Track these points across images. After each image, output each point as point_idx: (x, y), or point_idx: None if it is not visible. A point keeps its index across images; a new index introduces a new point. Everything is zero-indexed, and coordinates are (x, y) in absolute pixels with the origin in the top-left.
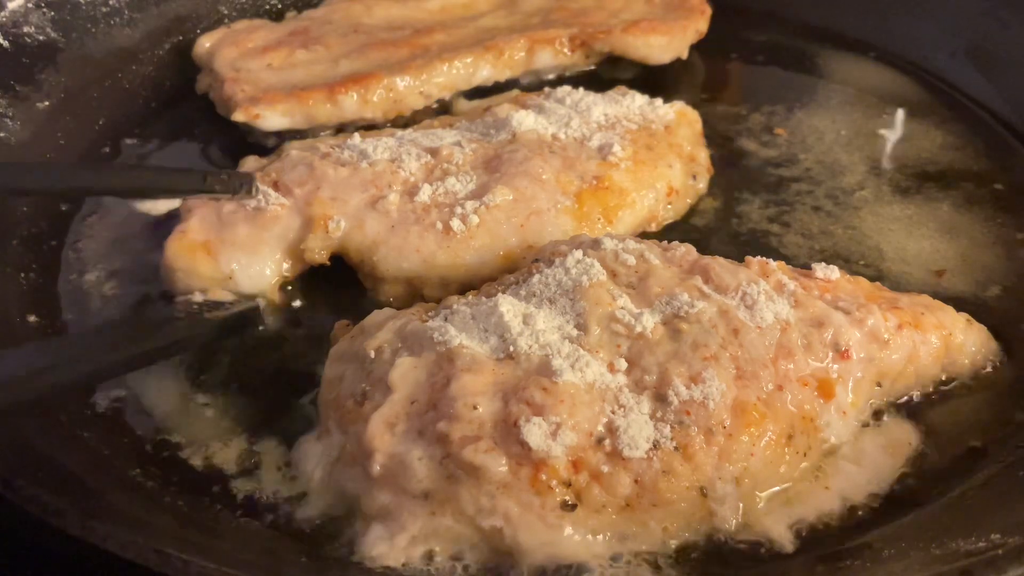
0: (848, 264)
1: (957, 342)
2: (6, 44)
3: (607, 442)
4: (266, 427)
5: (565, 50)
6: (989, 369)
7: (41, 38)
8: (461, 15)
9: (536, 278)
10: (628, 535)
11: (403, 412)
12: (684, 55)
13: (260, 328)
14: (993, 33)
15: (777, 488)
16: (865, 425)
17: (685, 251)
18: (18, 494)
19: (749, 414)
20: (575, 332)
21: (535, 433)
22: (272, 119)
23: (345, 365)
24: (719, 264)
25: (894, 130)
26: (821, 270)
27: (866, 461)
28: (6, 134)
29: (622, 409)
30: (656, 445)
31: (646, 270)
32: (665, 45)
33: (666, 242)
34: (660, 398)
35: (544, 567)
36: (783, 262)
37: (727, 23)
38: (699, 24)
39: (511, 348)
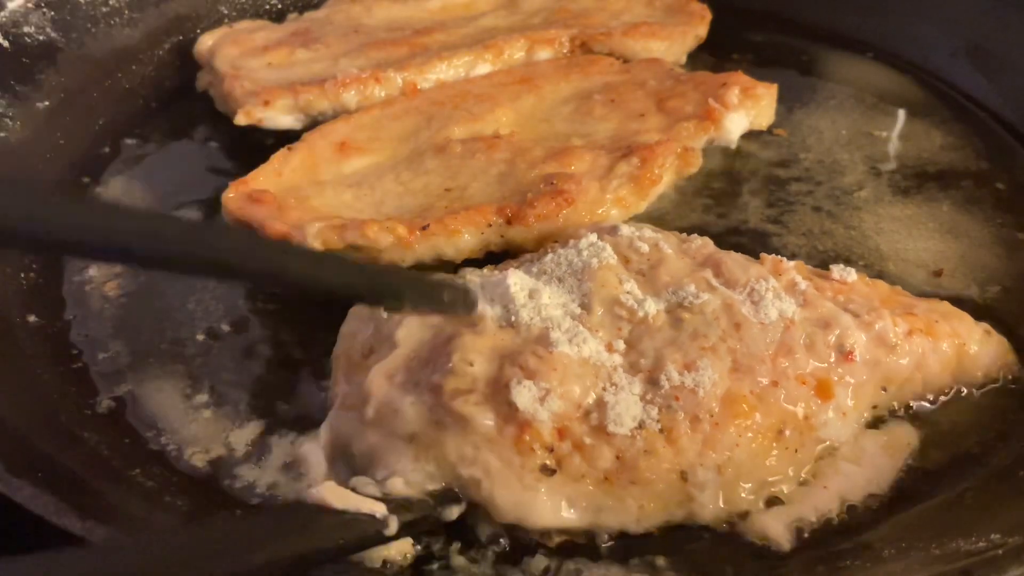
0: (848, 264)
1: (971, 352)
2: (6, 44)
3: (594, 416)
4: (267, 427)
5: (565, 51)
6: (1008, 379)
7: (41, 38)
8: (461, 15)
9: (549, 257)
10: (604, 508)
11: (403, 366)
12: (683, 60)
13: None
14: (993, 33)
15: (767, 480)
16: (867, 426)
17: (702, 244)
18: (18, 494)
19: (738, 406)
20: (578, 310)
21: (524, 395)
22: (274, 120)
23: (361, 323)
24: (732, 259)
25: (894, 130)
26: (838, 271)
27: (866, 461)
28: (6, 134)
29: (613, 387)
30: (641, 425)
31: (658, 259)
32: (664, 50)
33: (685, 234)
34: (652, 381)
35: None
36: (801, 262)
37: (727, 23)
38: (699, 30)
39: (513, 318)
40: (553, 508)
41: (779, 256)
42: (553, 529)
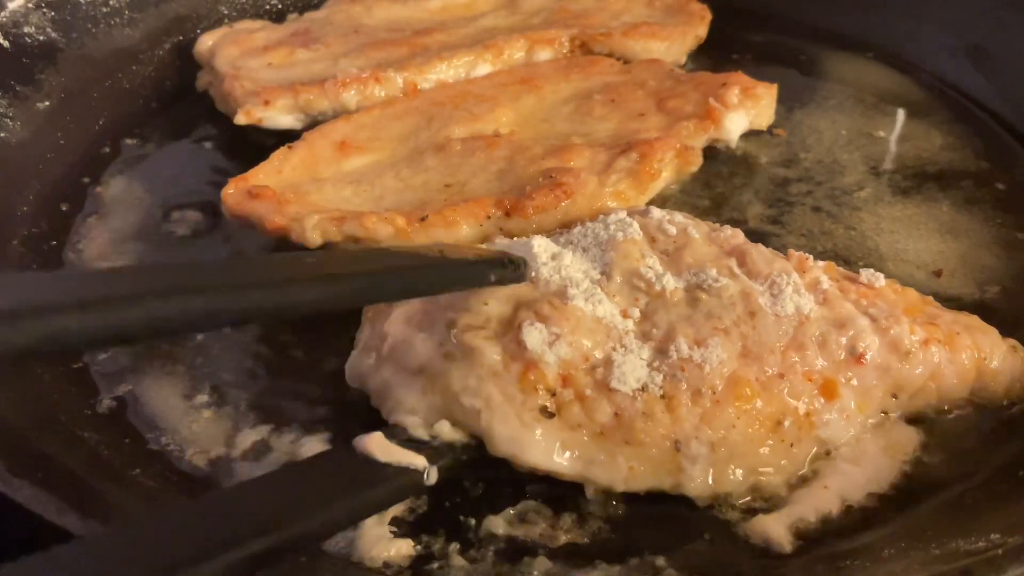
0: (848, 264)
1: (991, 367)
2: (6, 44)
3: (599, 371)
4: (267, 427)
5: (565, 51)
6: None
7: (41, 38)
8: (461, 15)
9: (577, 229)
10: (595, 461)
11: (422, 308)
12: (683, 60)
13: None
14: (993, 33)
15: (758, 468)
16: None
17: (732, 234)
18: (18, 494)
19: (742, 389)
20: (598, 276)
21: (534, 336)
22: (274, 120)
23: None
24: (757, 251)
25: (894, 130)
26: (866, 275)
27: (865, 461)
28: (6, 134)
29: (623, 348)
30: (644, 388)
31: (684, 242)
32: (664, 50)
33: (718, 224)
34: (661, 351)
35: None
36: (832, 263)
37: (727, 24)
38: (699, 30)
39: (533, 274)
40: (546, 450)
41: (806, 254)
42: (543, 470)
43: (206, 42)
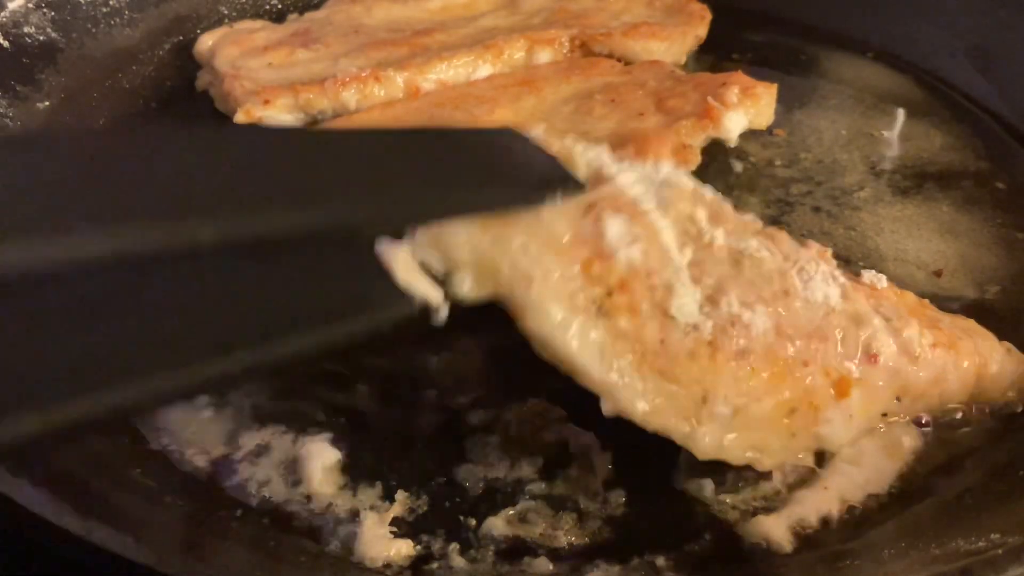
0: (848, 265)
1: (991, 372)
2: (6, 44)
3: (659, 293)
4: (269, 428)
5: (565, 51)
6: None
7: (41, 38)
8: (461, 15)
9: (625, 163)
10: (624, 378)
11: None
12: (682, 61)
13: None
14: (993, 33)
15: (756, 445)
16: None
17: (753, 218)
18: (18, 494)
19: (777, 364)
20: (654, 206)
21: (614, 228)
22: (274, 119)
23: None
24: (784, 236)
25: (894, 130)
26: (868, 276)
27: (865, 461)
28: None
29: (681, 284)
30: (696, 327)
31: (720, 210)
32: (664, 50)
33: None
34: (712, 300)
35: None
36: (834, 262)
37: (726, 24)
38: (699, 30)
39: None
40: (581, 345)
41: (825, 248)
42: (567, 363)
43: (206, 42)
